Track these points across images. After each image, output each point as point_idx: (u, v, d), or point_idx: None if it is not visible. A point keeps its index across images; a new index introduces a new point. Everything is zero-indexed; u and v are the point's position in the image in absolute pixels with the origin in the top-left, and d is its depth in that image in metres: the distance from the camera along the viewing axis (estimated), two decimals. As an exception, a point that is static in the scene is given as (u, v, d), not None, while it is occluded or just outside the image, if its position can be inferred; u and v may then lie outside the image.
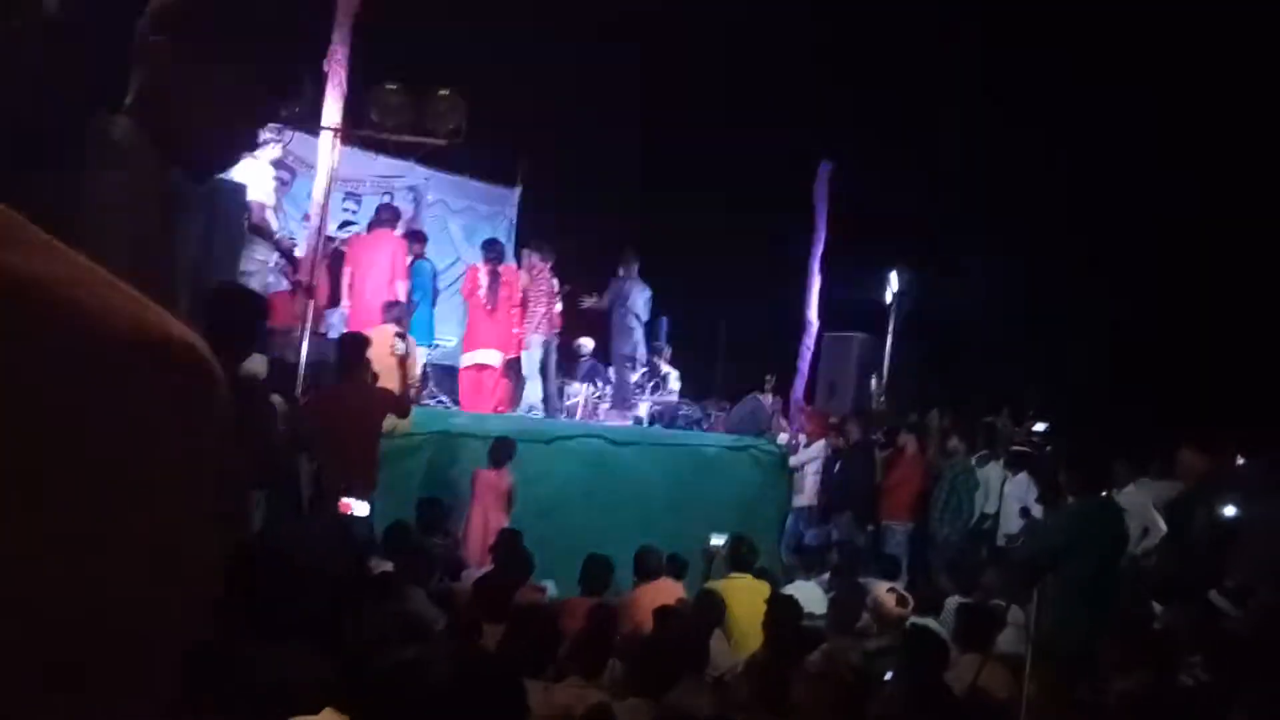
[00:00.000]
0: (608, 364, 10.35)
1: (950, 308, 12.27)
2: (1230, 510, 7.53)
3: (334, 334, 8.14)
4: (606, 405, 10.16)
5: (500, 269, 9.07)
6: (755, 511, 9.42)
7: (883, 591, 5.53)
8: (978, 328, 13.23)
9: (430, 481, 7.49)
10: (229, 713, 1.96)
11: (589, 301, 9.86)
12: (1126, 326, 13.43)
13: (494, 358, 8.99)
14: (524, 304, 9.40)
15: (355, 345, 6.18)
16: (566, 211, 11.35)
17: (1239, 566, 6.96)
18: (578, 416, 10.05)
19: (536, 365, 9.56)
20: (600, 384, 10.47)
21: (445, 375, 9.44)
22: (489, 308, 8.84)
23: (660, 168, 13.35)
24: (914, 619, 5.30)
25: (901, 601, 5.41)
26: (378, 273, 8.35)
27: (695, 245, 13.59)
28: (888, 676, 4.26)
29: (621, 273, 9.86)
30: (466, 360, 8.94)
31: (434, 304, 9.35)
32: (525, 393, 9.47)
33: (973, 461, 8.93)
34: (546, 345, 9.52)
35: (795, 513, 9.69)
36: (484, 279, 8.88)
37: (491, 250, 9.09)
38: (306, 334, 7.30)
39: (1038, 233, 13.43)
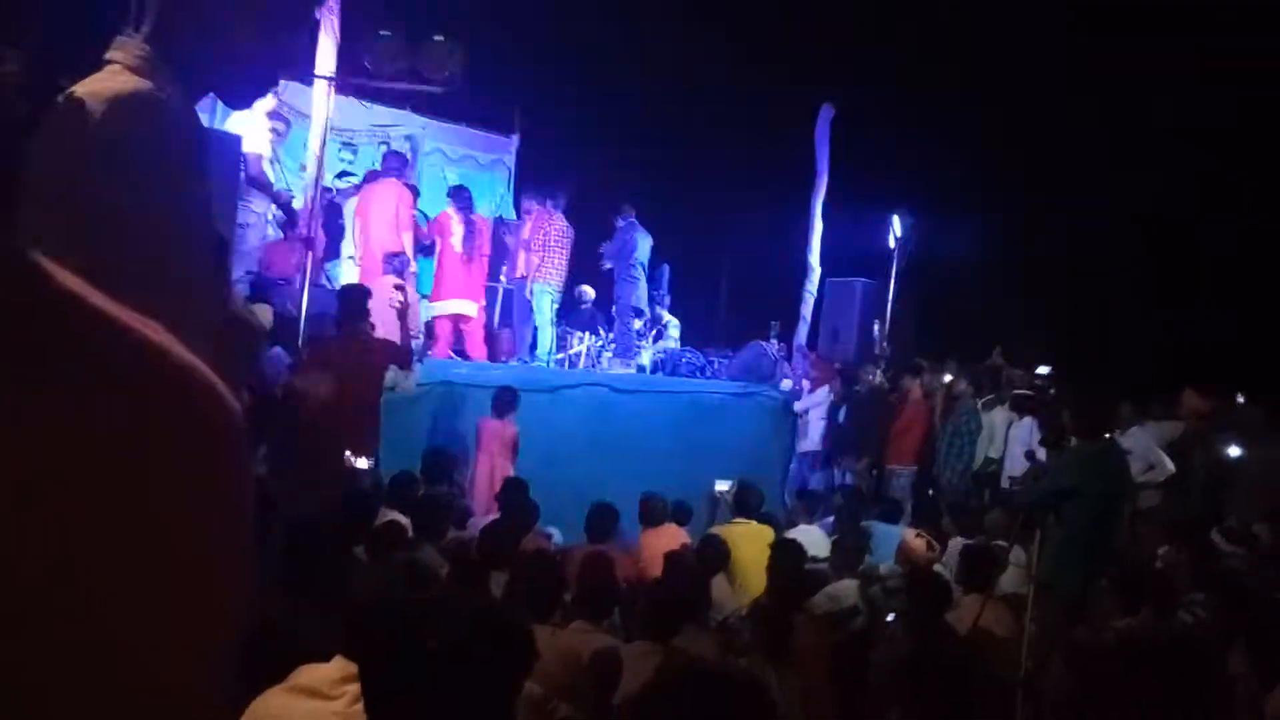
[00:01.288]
0: (609, 312, 10.35)
1: (953, 252, 12.17)
2: (1232, 450, 7.56)
3: (334, 286, 8.12)
4: (609, 354, 10.16)
5: (473, 217, 8.99)
6: (760, 457, 9.48)
7: (911, 536, 5.60)
8: (981, 271, 13.15)
9: (435, 432, 7.51)
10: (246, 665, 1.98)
11: (608, 263, 9.79)
12: (1130, 267, 13.36)
13: (471, 308, 8.96)
14: (530, 250, 9.35)
15: (355, 297, 6.16)
16: (565, 159, 11.23)
17: (1239, 506, 7.01)
18: (580, 366, 10.06)
19: (548, 315, 9.54)
20: (603, 333, 10.46)
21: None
22: (465, 257, 8.75)
23: (659, 113, 13.18)
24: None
25: (930, 546, 5.47)
26: (385, 223, 8.31)
27: (696, 192, 13.49)
28: (890, 618, 4.31)
29: (621, 222, 9.80)
30: (439, 309, 8.83)
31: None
32: (540, 340, 9.48)
33: (977, 405, 8.95)
34: (557, 293, 9.51)
35: (800, 458, 9.75)
36: (458, 227, 8.75)
37: (461, 198, 8.95)
38: (306, 286, 7.29)
39: (1040, 175, 13.29)
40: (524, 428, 7.48)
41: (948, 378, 9.34)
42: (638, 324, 10.26)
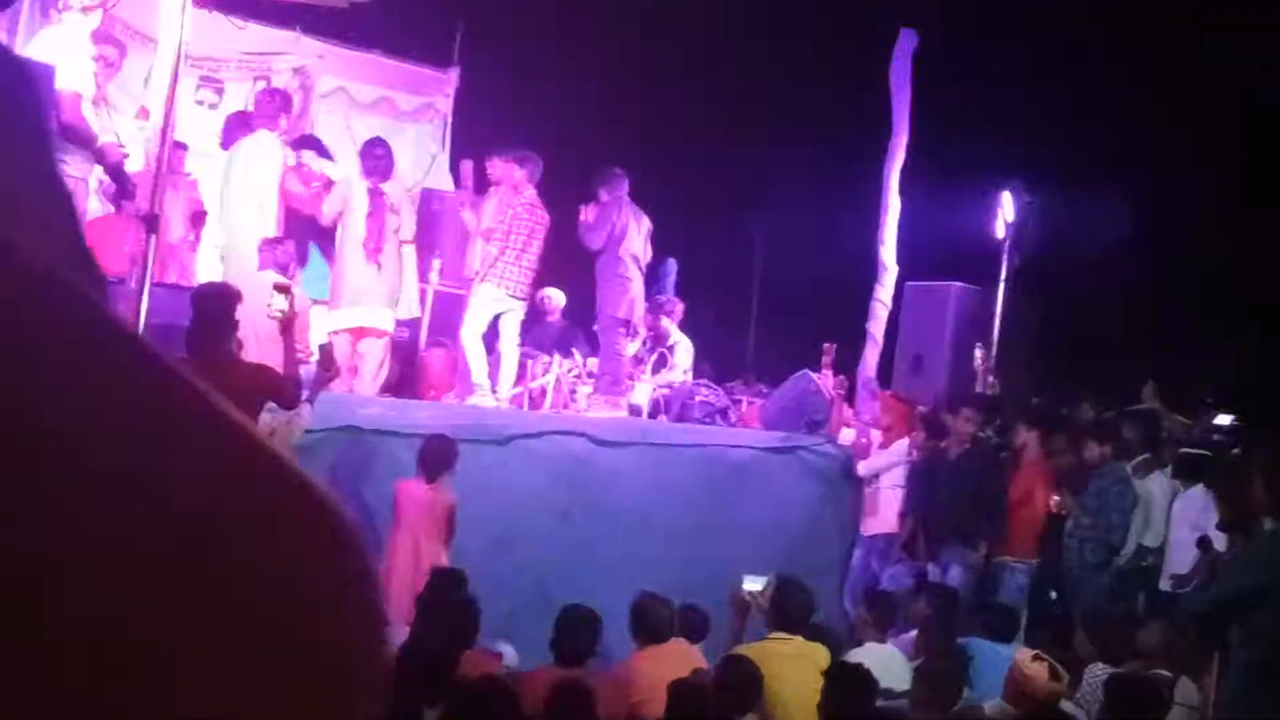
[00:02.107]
0: (589, 327, 10.32)
1: (1091, 245, 12.22)
2: None
3: (189, 285, 8.15)
4: (588, 389, 10.17)
5: (387, 187, 9.05)
6: (807, 542, 9.49)
7: (1028, 660, 5.59)
8: (1131, 274, 13.16)
9: None
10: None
11: (594, 243, 9.76)
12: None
13: (382, 319, 9.02)
14: (491, 236, 9.36)
15: (216, 303, 6.16)
16: (527, 106, 11.29)
17: None
18: (547, 405, 10.08)
19: (514, 331, 9.63)
20: (579, 357, 10.45)
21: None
22: (370, 245, 8.85)
23: (663, 42, 13.25)
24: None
25: (1055, 674, 5.47)
26: (259, 195, 8.38)
27: (712, 153, 13.53)
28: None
29: (604, 195, 9.78)
30: (341, 321, 8.96)
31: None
32: (500, 369, 9.58)
33: (1127, 469, 8.95)
34: (520, 300, 9.60)
35: (866, 543, 9.73)
36: (363, 202, 8.86)
37: (372, 156, 9.02)
38: (146, 285, 7.27)
39: (1213, 140, 13.34)
40: (464, 495, 7.46)
41: (1082, 430, 9.35)
42: (630, 346, 10.28)
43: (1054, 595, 8.88)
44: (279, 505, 0.64)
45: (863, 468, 9.86)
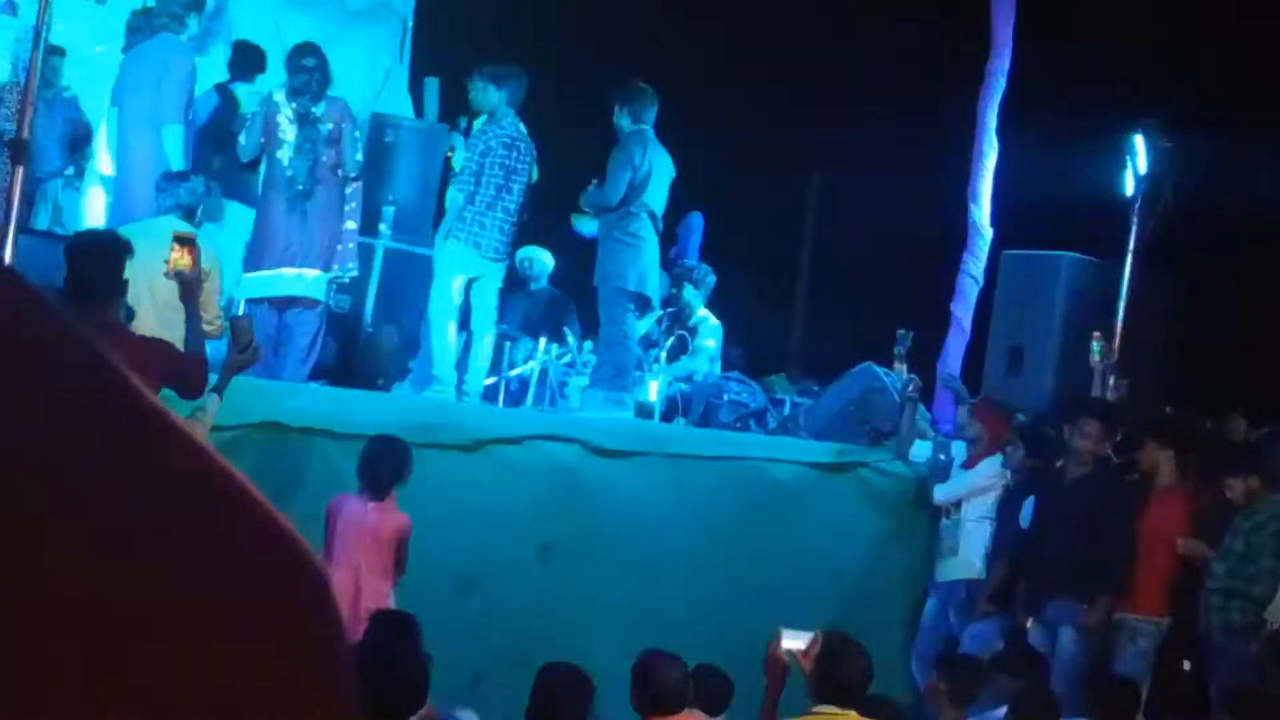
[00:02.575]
0: (585, 299, 10.32)
1: (1247, 208, 12.14)
2: None
3: (66, 231, 8.32)
4: (584, 380, 10.18)
5: (319, 110, 9.06)
6: (865, 588, 9.51)
7: None
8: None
9: None
10: None
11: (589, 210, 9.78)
12: None
13: (312, 286, 9.06)
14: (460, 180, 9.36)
15: (97, 256, 6.19)
16: (511, 11, 11.25)
17: None
18: (529, 400, 10.08)
19: (489, 303, 9.62)
20: (572, 338, 10.41)
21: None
22: (300, 187, 8.92)
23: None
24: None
25: None
26: (154, 116, 8.44)
27: (754, 73, 13.46)
28: None
29: (626, 124, 9.79)
30: (260, 286, 9.03)
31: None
32: (470, 353, 9.62)
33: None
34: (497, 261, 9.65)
35: (942, 591, 9.71)
36: (291, 129, 8.89)
37: (301, 69, 9.04)
38: (11, 232, 7.26)
39: None
40: (419, 517, 7.47)
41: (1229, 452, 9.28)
42: (640, 324, 10.29)
43: (1186, 666, 8.80)
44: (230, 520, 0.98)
45: (940, 493, 9.78)
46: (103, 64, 9.54)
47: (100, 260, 6.14)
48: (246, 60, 9.81)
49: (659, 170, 9.83)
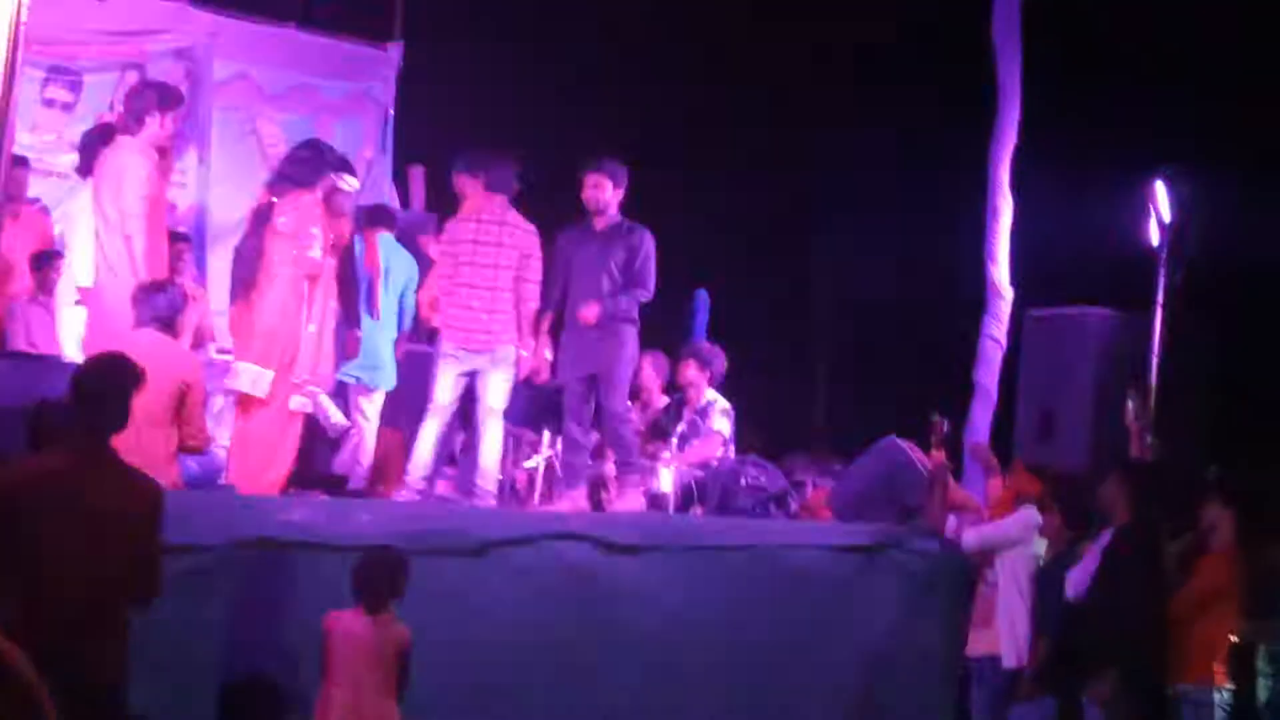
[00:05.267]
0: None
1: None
2: None
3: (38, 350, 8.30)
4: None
5: (293, 200, 9.13)
6: (903, 673, 9.47)
7: None
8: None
9: (240, 644, 7.50)
10: None
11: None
12: None
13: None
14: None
15: (108, 387, 6.05)
16: (489, 88, 11.26)
17: None
18: (536, 499, 10.10)
19: (490, 399, 9.65)
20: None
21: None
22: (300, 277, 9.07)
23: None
24: None
25: None
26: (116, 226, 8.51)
27: (753, 145, 13.46)
28: None
29: (604, 194, 9.74)
30: (243, 380, 9.08)
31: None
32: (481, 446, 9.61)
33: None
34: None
35: (979, 666, 9.60)
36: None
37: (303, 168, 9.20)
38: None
39: None
40: (422, 629, 7.39)
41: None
42: (651, 408, 10.36)
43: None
44: None
45: (970, 537, 9.74)
46: (73, 172, 9.57)
47: (111, 392, 6.07)
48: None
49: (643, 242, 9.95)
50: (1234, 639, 8.87)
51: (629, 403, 10.15)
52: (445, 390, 9.57)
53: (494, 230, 9.57)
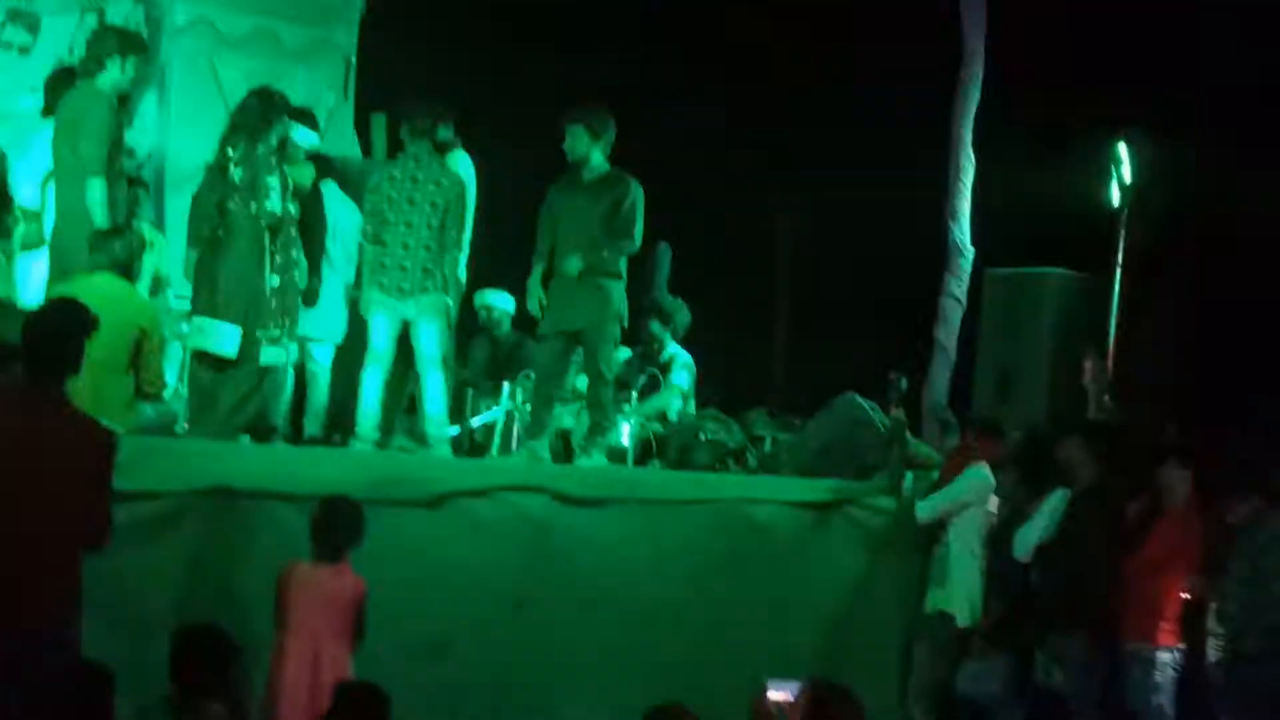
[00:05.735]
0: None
1: (1240, 213, 12.11)
2: None
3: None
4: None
5: (246, 152, 9.01)
6: (857, 628, 9.51)
7: None
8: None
9: (193, 591, 7.48)
10: None
11: None
12: None
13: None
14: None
15: (60, 333, 6.05)
16: (457, 34, 11.21)
17: None
18: (494, 448, 10.09)
19: (430, 345, 9.51)
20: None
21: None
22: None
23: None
24: None
25: None
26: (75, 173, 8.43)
27: (708, 98, 13.44)
28: None
29: (598, 156, 9.74)
30: (201, 339, 8.97)
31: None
32: (427, 399, 9.55)
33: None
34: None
35: (932, 623, 9.64)
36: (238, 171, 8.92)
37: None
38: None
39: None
40: (379, 579, 7.40)
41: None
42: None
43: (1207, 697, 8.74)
44: None
45: (923, 509, 9.74)
46: (33, 120, 9.50)
47: (63, 337, 6.04)
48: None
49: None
50: (1186, 596, 8.98)
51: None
52: (384, 338, 9.50)
53: (446, 175, 9.53)
